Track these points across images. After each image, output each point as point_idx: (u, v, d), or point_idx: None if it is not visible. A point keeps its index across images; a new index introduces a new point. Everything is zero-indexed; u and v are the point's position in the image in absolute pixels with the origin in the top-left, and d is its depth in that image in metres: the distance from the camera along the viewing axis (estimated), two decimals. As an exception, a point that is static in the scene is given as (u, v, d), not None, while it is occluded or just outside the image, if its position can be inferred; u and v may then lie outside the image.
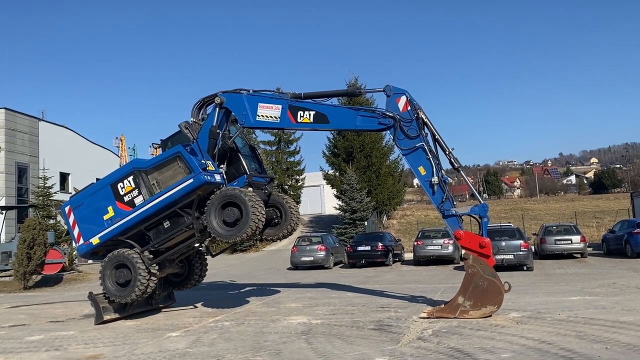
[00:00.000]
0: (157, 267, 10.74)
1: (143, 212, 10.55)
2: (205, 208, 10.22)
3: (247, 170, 11.20)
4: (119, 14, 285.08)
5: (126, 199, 10.66)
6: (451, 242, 22.35)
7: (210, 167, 10.52)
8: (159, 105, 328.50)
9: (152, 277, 10.57)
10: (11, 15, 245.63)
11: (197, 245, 11.35)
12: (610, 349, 6.70)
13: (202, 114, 11.48)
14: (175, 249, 10.98)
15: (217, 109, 10.96)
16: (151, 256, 10.70)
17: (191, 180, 10.19)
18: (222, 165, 11.00)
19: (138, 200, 10.58)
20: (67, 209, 11.34)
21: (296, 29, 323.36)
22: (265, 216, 10.24)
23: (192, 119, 11.17)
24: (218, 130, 10.70)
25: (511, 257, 17.72)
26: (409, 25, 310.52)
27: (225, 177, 10.96)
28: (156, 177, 10.59)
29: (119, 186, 10.75)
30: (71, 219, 11.24)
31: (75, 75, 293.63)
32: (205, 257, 12.66)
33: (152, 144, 12.14)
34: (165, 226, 10.78)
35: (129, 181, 10.69)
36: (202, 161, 10.39)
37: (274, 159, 42.52)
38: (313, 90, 11.08)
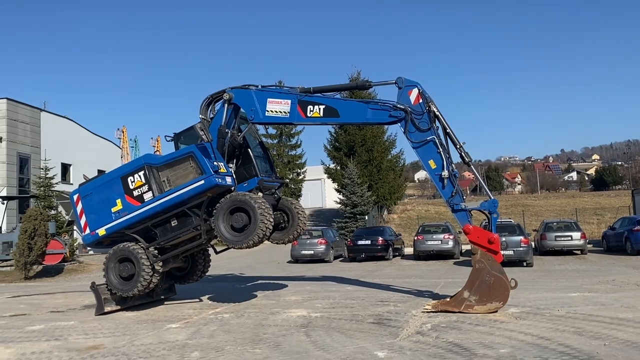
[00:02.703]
0: (160, 264, 10.75)
1: (151, 209, 10.50)
2: (214, 211, 10.18)
3: (259, 173, 11.09)
4: (121, 8, 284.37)
5: (135, 193, 10.60)
6: (451, 237, 22.41)
7: (222, 169, 10.45)
8: (161, 98, 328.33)
9: (156, 274, 10.59)
10: (14, 6, 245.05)
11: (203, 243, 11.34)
12: (608, 346, 6.71)
13: (210, 111, 11.36)
14: (181, 249, 10.97)
15: (226, 105, 10.87)
16: (156, 252, 10.70)
17: (202, 181, 10.12)
18: (231, 165, 10.94)
19: (147, 196, 10.52)
20: (75, 197, 11.30)
21: (298, 25, 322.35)
22: (273, 223, 10.20)
23: (200, 116, 11.07)
24: (227, 130, 10.62)
25: (511, 252, 17.76)
26: (411, 22, 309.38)
27: (235, 176, 10.89)
28: (167, 175, 10.49)
29: (129, 180, 10.69)
30: (79, 207, 11.21)
31: (78, 66, 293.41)
32: (209, 252, 12.66)
33: (165, 136, 12.05)
34: (173, 224, 10.73)
35: (139, 176, 10.61)
36: (215, 163, 10.29)
37: (275, 152, 42.49)
38: (316, 85, 11.00)
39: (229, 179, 10.60)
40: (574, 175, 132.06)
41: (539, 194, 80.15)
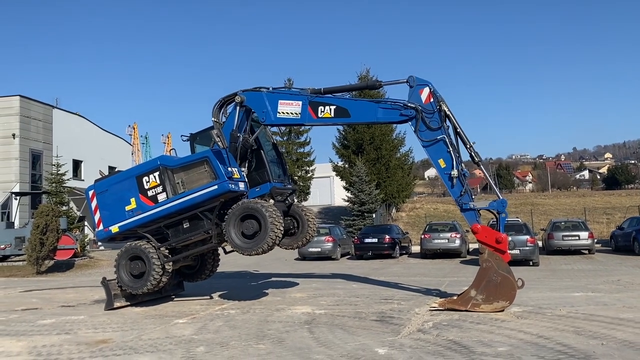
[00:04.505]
0: (170, 263, 10.95)
1: (164, 210, 10.68)
2: (226, 217, 10.35)
3: (271, 179, 11.22)
4: (132, 3, 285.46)
5: (149, 193, 10.79)
6: (458, 235, 22.44)
7: (236, 175, 10.62)
8: (171, 94, 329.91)
9: (166, 273, 10.80)
10: (26, 3, 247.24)
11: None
12: (605, 345, 6.81)
13: (222, 114, 11.49)
14: (192, 251, 11.17)
15: (238, 107, 11.03)
16: (167, 252, 10.91)
17: (215, 186, 10.28)
18: (243, 169, 11.07)
19: (161, 197, 10.69)
20: (91, 192, 11.54)
21: (306, 21, 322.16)
22: (282, 232, 10.35)
23: (213, 119, 11.21)
24: (238, 134, 10.77)
25: (517, 252, 17.78)
26: (421, 16, 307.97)
27: (247, 180, 11.05)
28: (182, 177, 10.65)
29: (144, 180, 10.87)
30: (94, 203, 11.45)
31: (89, 63, 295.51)
32: (218, 251, 12.82)
33: (181, 136, 12.26)
34: (185, 226, 10.91)
35: (154, 176, 10.79)
36: (229, 169, 10.46)
37: (284, 150, 42.63)
38: (323, 85, 11.10)
39: (242, 185, 10.77)
40: (585, 173, 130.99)
41: (549, 192, 79.73)
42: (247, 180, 11.07)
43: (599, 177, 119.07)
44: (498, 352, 6.62)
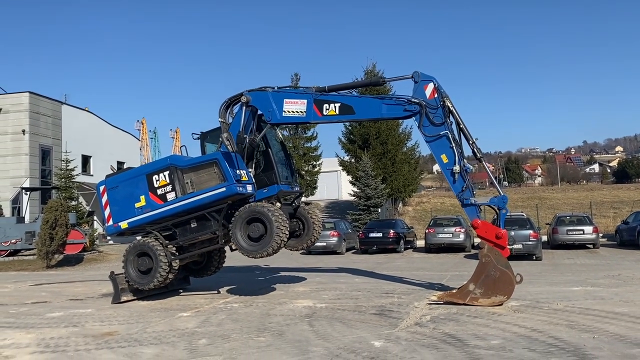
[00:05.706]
0: (177, 261, 11.18)
1: (173, 209, 10.91)
2: (232, 219, 10.56)
3: (279, 181, 11.37)
4: (139, 2, 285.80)
5: (159, 192, 11.01)
6: (462, 230, 22.55)
7: (244, 178, 10.82)
8: (179, 90, 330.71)
9: (172, 270, 11.05)
10: (34, 2, 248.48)
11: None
12: (596, 339, 6.94)
13: (229, 114, 11.62)
14: (198, 250, 11.42)
15: (244, 107, 11.18)
16: (174, 250, 11.14)
17: (224, 188, 10.50)
18: (250, 170, 11.25)
19: (170, 196, 10.92)
20: (102, 188, 11.79)
21: (311, 18, 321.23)
22: (288, 235, 10.52)
23: (220, 119, 11.37)
24: (245, 135, 10.93)
25: (520, 246, 17.89)
26: (428, 11, 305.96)
27: (255, 181, 11.23)
28: (191, 177, 10.85)
29: (154, 178, 11.10)
30: (104, 198, 11.70)
31: (98, 59, 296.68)
32: (224, 248, 13.02)
33: (192, 134, 12.47)
34: (192, 226, 11.14)
35: (164, 175, 11.01)
36: (237, 172, 10.65)
37: (291, 145, 42.70)
38: (330, 82, 11.26)
39: (249, 187, 10.97)
40: (595, 167, 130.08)
41: (558, 186, 79.28)
42: (254, 181, 11.26)
43: (609, 170, 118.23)
44: (491, 345, 6.78)
